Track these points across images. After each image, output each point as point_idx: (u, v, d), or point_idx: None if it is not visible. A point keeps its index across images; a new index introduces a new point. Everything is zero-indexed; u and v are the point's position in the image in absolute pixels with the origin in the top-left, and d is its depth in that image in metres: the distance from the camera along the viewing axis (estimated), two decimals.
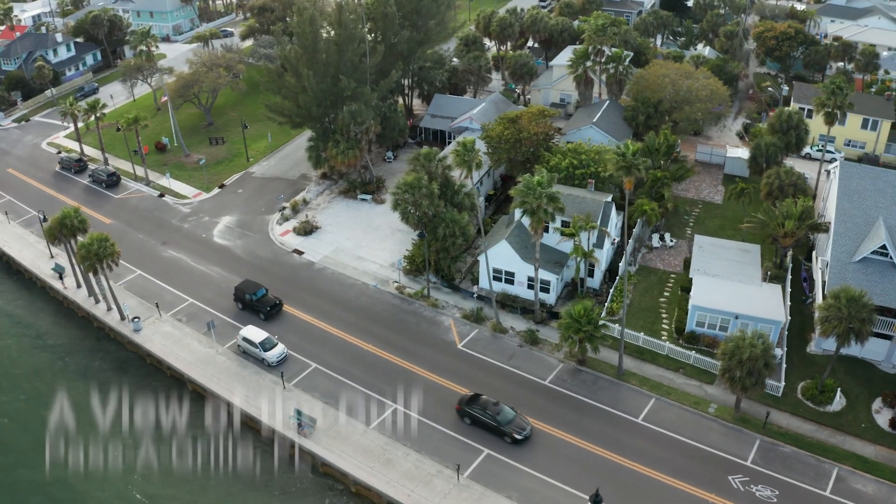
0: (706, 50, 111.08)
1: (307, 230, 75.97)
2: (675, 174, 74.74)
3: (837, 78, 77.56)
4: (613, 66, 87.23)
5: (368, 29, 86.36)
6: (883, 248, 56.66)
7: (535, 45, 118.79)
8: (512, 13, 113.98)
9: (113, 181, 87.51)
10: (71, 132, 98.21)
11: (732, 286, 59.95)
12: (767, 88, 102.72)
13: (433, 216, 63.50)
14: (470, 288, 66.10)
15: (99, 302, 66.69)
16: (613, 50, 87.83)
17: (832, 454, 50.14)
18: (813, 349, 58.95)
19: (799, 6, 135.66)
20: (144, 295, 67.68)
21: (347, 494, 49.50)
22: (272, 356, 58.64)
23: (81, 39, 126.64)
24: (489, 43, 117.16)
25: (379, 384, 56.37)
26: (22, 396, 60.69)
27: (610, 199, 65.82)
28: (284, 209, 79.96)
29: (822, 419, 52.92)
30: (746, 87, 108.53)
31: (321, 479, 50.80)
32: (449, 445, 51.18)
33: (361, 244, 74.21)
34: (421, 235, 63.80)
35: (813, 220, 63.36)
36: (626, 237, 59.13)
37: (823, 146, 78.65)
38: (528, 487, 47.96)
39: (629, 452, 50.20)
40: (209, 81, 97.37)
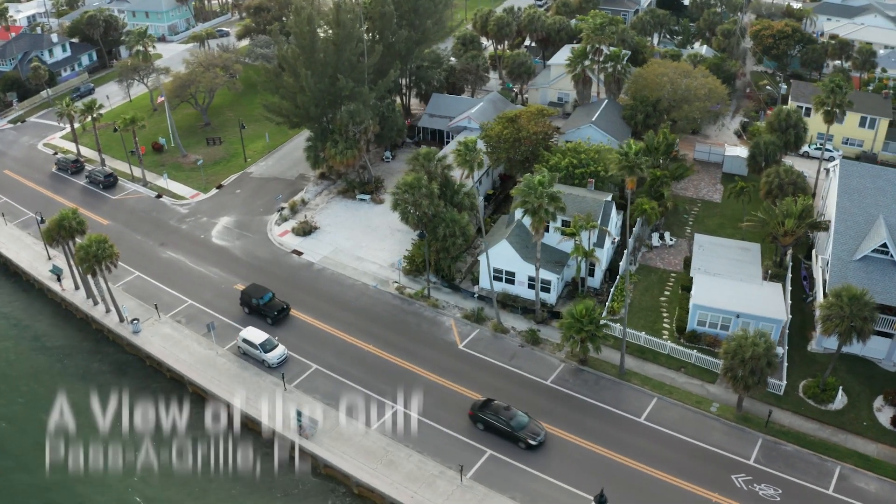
0: (703, 48, 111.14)
1: (306, 230, 75.71)
2: (674, 173, 74.70)
3: (836, 76, 77.66)
4: (612, 65, 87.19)
5: (366, 28, 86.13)
6: (884, 246, 56.71)
7: (531, 44, 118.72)
8: (509, 12, 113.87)
9: (110, 182, 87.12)
10: (67, 133, 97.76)
11: (733, 285, 59.93)
12: (766, 87, 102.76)
13: (433, 216, 63.32)
14: (470, 288, 65.94)
15: (97, 304, 66.35)
16: (612, 49, 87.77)
17: (834, 452, 50.17)
18: (814, 347, 58.97)
19: (795, 4, 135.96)
20: (143, 296, 67.37)
21: (350, 496, 49.28)
22: (272, 358, 58.40)
23: (77, 40, 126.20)
24: (486, 42, 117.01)
25: (380, 385, 56.18)
26: (20, 399, 60.34)
27: (610, 198, 65.73)
28: (283, 209, 79.70)
29: (823, 417, 52.94)
30: (744, 85, 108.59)
31: (323, 480, 50.58)
32: (451, 446, 51.03)
33: (361, 244, 74.01)
34: (421, 235, 63.64)
35: (813, 218, 63.43)
36: (627, 236, 59.04)
37: (822, 145, 78.72)
38: (531, 488, 47.86)
39: (632, 452, 50.13)
40: (206, 81, 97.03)
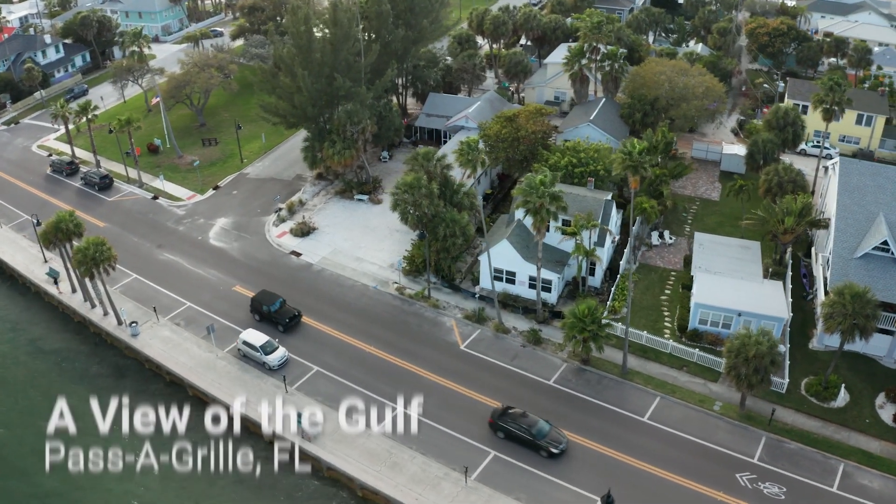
0: (698, 47, 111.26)
1: (304, 231, 75.32)
2: (672, 171, 74.68)
3: (835, 74, 77.83)
4: (609, 63, 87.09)
5: (362, 28, 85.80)
6: (884, 243, 56.84)
7: (527, 42, 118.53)
8: (505, 11, 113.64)
9: (106, 184, 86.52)
10: (62, 135, 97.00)
11: (734, 283, 59.91)
12: (762, 85, 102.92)
13: (433, 216, 63.06)
14: (470, 288, 65.72)
15: (95, 307, 65.80)
16: (609, 47, 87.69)
17: (838, 450, 50.24)
18: (815, 345, 59.04)
19: (789, 2, 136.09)
20: (141, 299, 66.86)
21: (354, 499, 49.05)
22: (273, 360, 58.04)
23: (70, 41, 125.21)
24: (482, 41, 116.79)
25: (382, 387, 55.88)
26: (17, 404, 59.74)
27: (610, 197, 65.62)
28: (280, 210, 79.29)
29: (826, 415, 53.00)
30: (740, 83, 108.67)
31: (327, 483, 50.31)
32: (455, 448, 50.83)
33: (360, 245, 73.68)
34: (421, 236, 63.40)
35: (812, 216, 63.48)
36: (629, 235, 58.93)
37: (820, 143, 78.83)
38: (536, 489, 47.72)
39: (636, 452, 50.06)
40: (201, 82, 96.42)
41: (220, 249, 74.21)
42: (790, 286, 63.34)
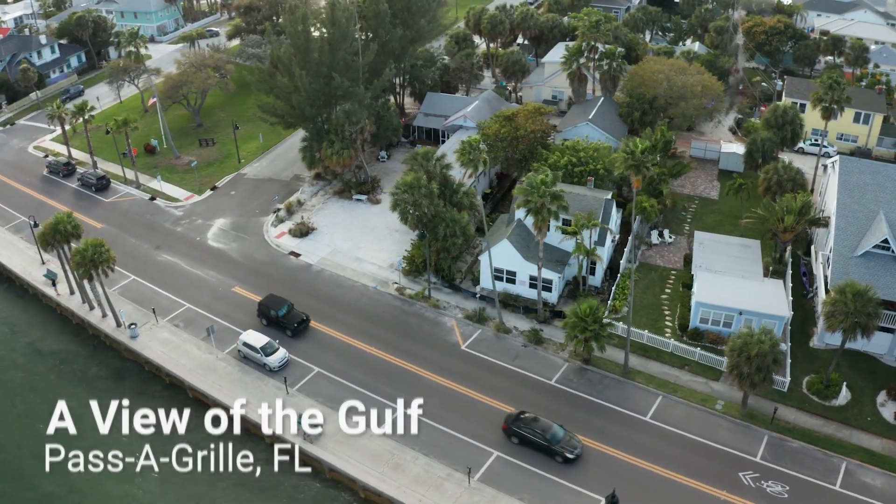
0: (695, 45, 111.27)
1: (303, 232, 75.06)
2: (672, 170, 74.64)
3: (834, 72, 77.90)
4: (607, 62, 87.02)
5: (360, 27, 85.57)
6: (885, 241, 56.87)
7: (524, 41, 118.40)
8: (502, 10, 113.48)
9: (103, 185, 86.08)
10: (58, 135, 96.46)
11: (735, 282, 59.89)
12: (759, 83, 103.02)
13: (433, 216, 62.89)
14: (471, 288, 65.59)
15: (93, 308, 65.41)
16: (607, 46, 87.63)
17: (840, 448, 50.27)
18: (816, 344, 59.07)
19: (785, 0, 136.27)
20: (140, 300, 66.51)
21: (357, 500, 48.89)
22: (274, 361, 57.79)
23: (65, 41, 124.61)
24: (479, 40, 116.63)
25: (384, 387, 55.67)
26: (15, 408, 59.30)
27: (610, 196, 65.55)
28: (279, 211, 79.02)
29: (828, 413, 53.04)
30: (737, 82, 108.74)
31: (329, 485, 50.14)
32: (458, 448, 50.69)
33: (359, 245, 73.46)
34: (421, 236, 63.23)
35: (812, 214, 63.53)
36: (631, 234, 58.88)
37: (820, 141, 78.89)
38: (540, 489, 47.62)
39: (639, 451, 49.99)
40: (198, 82, 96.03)
41: (218, 250, 73.92)
42: (790, 284, 63.36)
